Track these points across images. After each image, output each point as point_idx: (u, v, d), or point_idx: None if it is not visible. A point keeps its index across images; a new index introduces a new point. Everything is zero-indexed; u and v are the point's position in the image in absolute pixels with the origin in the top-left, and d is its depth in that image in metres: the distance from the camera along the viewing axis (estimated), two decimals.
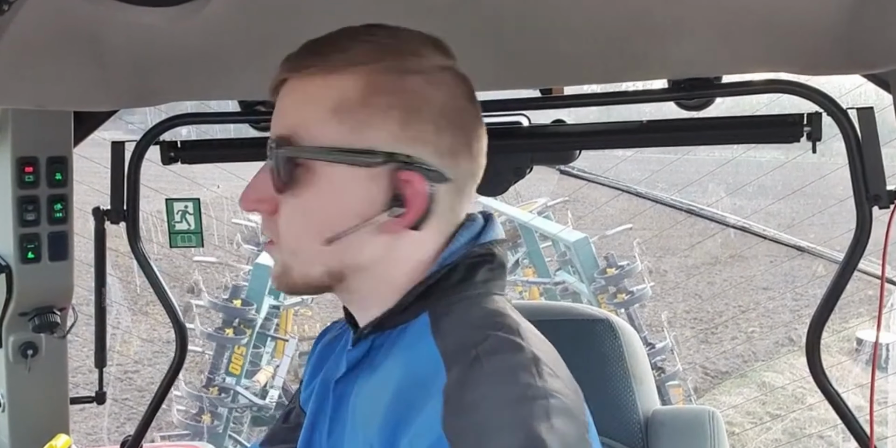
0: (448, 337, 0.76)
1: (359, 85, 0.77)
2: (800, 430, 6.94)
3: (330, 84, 0.77)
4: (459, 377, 0.70)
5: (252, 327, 6.26)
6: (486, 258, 0.83)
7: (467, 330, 0.76)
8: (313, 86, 0.78)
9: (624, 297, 6.40)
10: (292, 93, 0.80)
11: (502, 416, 0.65)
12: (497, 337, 0.74)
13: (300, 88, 0.79)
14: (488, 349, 0.72)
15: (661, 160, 11.07)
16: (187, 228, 1.59)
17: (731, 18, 1.07)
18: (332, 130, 0.77)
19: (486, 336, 0.74)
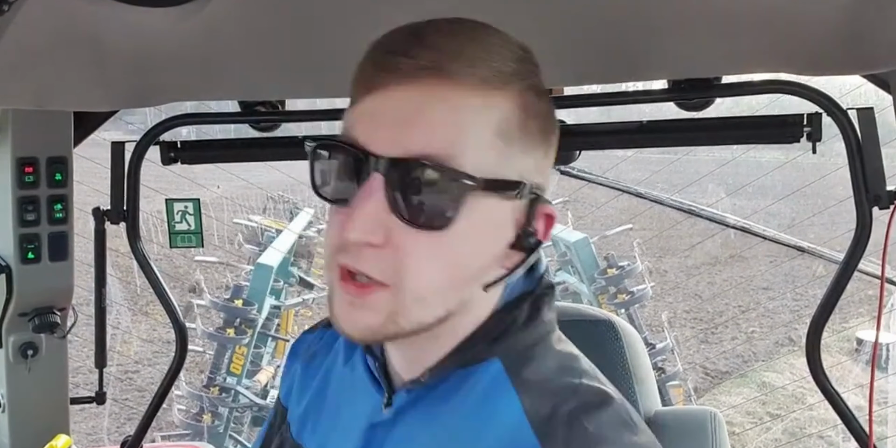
0: (533, 391, 0.70)
1: (515, 105, 0.67)
2: (800, 430, 6.94)
3: (490, 102, 0.66)
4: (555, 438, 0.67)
5: (253, 327, 6.26)
6: (548, 292, 0.77)
7: (552, 382, 0.71)
8: (473, 99, 0.65)
9: (624, 298, 6.41)
10: (441, 102, 0.65)
11: None
12: (585, 387, 0.71)
13: (454, 99, 0.65)
14: (582, 407, 0.69)
15: (661, 160, 11.08)
16: (187, 228, 1.59)
17: (731, 18, 1.06)
18: (492, 156, 0.66)
19: (575, 389, 0.71)
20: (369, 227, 0.64)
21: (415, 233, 0.65)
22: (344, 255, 0.67)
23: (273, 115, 1.49)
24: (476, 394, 0.72)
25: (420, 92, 0.64)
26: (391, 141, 0.64)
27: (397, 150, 0.64)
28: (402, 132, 0.64)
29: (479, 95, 0.65)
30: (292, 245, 7.70)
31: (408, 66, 0.64)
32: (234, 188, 12.88)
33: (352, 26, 1.03)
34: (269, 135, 1.54)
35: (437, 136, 0.64)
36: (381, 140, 0.65)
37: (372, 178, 0.64)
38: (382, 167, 0.64)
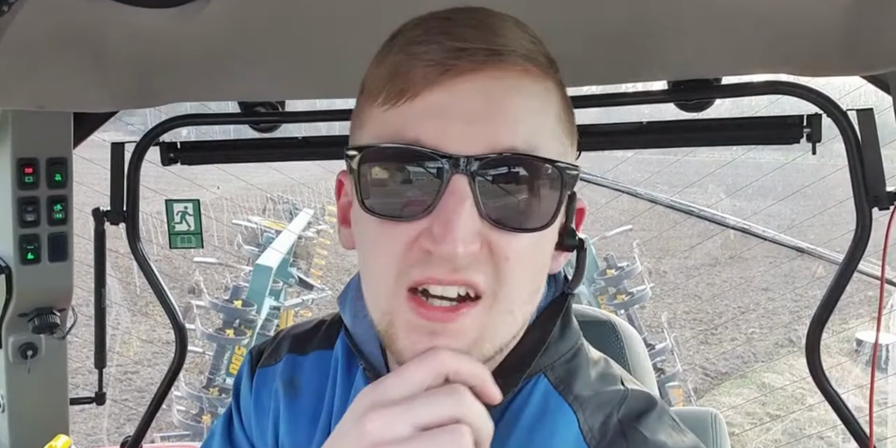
0: (586, 406, 0.67)
1: (562, 93, 0.64)
2: (799, 430, 6.93)
3: (549, 88, 0.62)
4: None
5: (252, 328, 6.26)
6: (571, 297, 0.73)
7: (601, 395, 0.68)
8: (535, 87, 0.61)
9: (624, 298, 6.41)
10: (511, 90, 0.59)
11: None
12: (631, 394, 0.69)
13: (521, 86, 0.60)
14: (632, 414, 0.67)
15: (661, 161, 11.08)
16: (187, 229, 1.59)
17: (732, 20, 1.06)
18: (560, 147, 0.62)
19: (623, 396, 0.68)
20: (470, 236, 0.56)
21: (511, 235, 0.59)
22: (427, 269, 0.58)
23: (273, 116, 1.49)
24: (529, 414, 0.67)
25: (492, 81, 0.58)
26: (471, 138, 0.57)
27: (479, 146, 0.57)
28: (482, 127, 0.57)
29: (541, 82, 0.61)
30: (291, 246, 7.70)
31: (472, 53, 0.58)
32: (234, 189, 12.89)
33: (352, 26, 1.03)
34: (269, 135, 1.54)
35: (520, 128, 0.58)
36: (458, 138, 0.57)
37: (456, 181, 0.57)
38: (467, 168, 0.56)
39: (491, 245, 0.58)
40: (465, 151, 0.57)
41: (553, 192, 0.59)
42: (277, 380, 0.82)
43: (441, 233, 0.56)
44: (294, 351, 0.84)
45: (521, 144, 0.58)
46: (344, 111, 1.58)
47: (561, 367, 0.70)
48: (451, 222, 0.56)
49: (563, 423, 0.66)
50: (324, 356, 0.81)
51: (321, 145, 1.55)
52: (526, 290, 0.62)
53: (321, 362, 0.81)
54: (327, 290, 8.05)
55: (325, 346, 0.82)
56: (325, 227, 9.69)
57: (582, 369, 0.70)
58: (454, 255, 0.56)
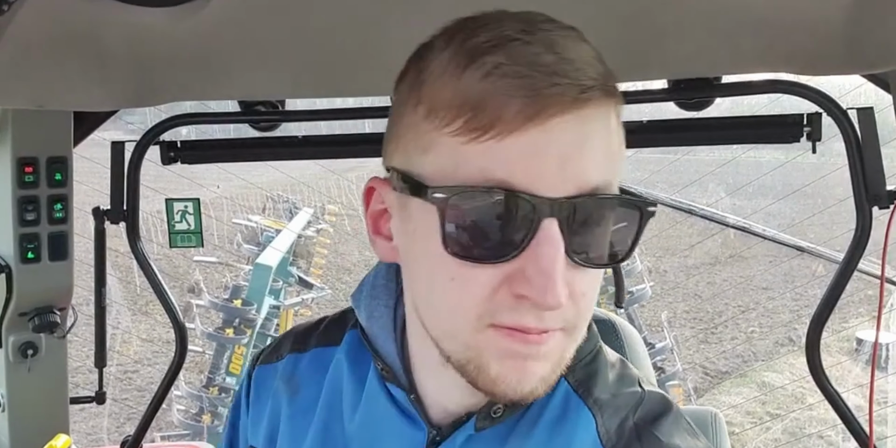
0: (605, 410, 0.67)
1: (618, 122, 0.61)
2: (799, 429, 6.94)
3: (613, 121, 0.60)
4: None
5: (252, 327, 6.26)
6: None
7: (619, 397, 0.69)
8: (612, 121, 0.59)
9: None
10: (592, 125, 0.57)
11: None
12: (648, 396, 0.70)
13: (602, 120, 0.58)
14: (647, 417, 0.67)
15: (661, 160, 11.07)
16: (187, 228, 1.59)
17: (731, 18, 1.06)
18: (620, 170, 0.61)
19: (640, 399, 0.69)
20: (566, 287, 0.56)
21: (588, 272, 0.59)
22: (513, 315, 0.57)
23: (273, 115, 1.49)
24: (549, 417, 0.67)
25: (584, 118, 0.56)
26: (563, 180, 0.55)
27: (568, 187, 0.55)
28: (573, 167, 0.55)
29: (611, 111, 0.59)
30: (291, 245, 7.70)
31: (568, 88, 0.55)
32: (234, 188, 12.89)
33: (352, 26, 1.03)
34: (269, 135, 1.54)
35: (602, 164, 0.57)
36: (550, 180, 0.55)
37: (548, 226, 0.55)
38: (560, 210, 0.55)
39: (572, 284, 0.57)
40: (557, 193, 0.55)
41: (632, 225, 0.59)
42: (278, 378, 0.82)
43: (542, 283, 0.55)
44: (296, 349, 0.84)
45: (601, 183, 0.57)
46: (344, 110, 1.58)
47: (581, 370, 0.70)
48: (551, 272, 0.54)
49: (583, 426, 0.67)
50: (323, 353, 0.81)
51: (321, 144, 1.55)
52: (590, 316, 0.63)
53: (320, 358, 0.80)
54: (327, 289, 8.06)
55: (324, 343, 0.82)
56: (325, 227, 9.69)
57: (601, 372, 0.71)
58: (551, 306, 0.55)
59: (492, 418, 0.66)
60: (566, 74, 0.55)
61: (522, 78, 0.55)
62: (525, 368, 0.58)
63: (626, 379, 0.72)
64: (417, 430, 0.69)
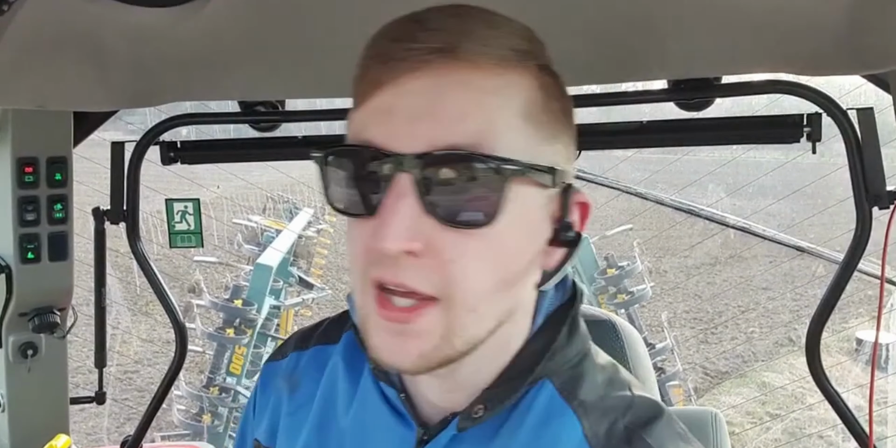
0: (591, 412, 0.67)
1: (536, 85, 0.62)
2: (799, 429, 6.94)
3: (511, 81, 0.60)
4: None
5: (253, 327, 6.26)
6: (580, 301, 0.73)
7: (606, 400, 0.68)
8: (493, 81, 0.59)
9: (624, 298, 6.40)
10: (462, 86, 0.58)
11: None
12: (638, 400, 0.69)
13: (474, 81, 0.59)
14: (638, 421, 0.67)
15: (661, 160, 11.07)
16: (187, 229, 1.59)
17: (731, 19, 1.06)
18: (523, 142, 0.60)
19: (629, 403, 0.68)
20: (406, 233, 0.57)
21: (456, 234, 0.58)
22: (379, 269, 0.59)
23: (273, 115, 1.49)
24: (533, 419, 0.67)
25: (436, 78, 0.58)
26: (413, 136, 0.58)
27: (422, 145, 0.57)
28: (425, 125, 0.58)
29: (498, 75, 0.59)
30: (292, 245, 7.70)
31: (418, 51, 0.58)
32: (234, 188, 12.88)
33: (352, 26, 1.03)
34: (269, 135, 1.54)
35: (464, 124, 0.58)
36: (402, 137, 0.58)
37: (399, 179, 0.58)
38: (410, 165, 0.57)
39: (437, 248, 0.58)
40: (410, 149, 0.57)
41: (494, 188, 0.58)
42: (281, 375, 0.84)
43: (378, 230, 0.57)
44: (298, 347, 0.86)
45: (465, 140, 0.57)
46: (344, 110, 1.57)
47: (567, 373, 0.69)
48: (386, 219, 0.57)
49: (567, 428, 0.66)
50: (322, 351, 0.83)
51: (321, 144, 1.55)
52: (487, 289, 0.61)
53: (319, 356, 0.82)
54: (327, 289, 8.05)
55: (324, 342, 0.84)
56: (325, 227, 9.69)
57: (588, 374, 0.70)
58: (388, 251, 0.57)
59: (472, 419, 0.66)
60: (418, 40, 0.58)
61: (378, 47, 0.61)
62: (400, 344, 0.60)
63: (617, 383, 0.71)
64: (408, 428, 0.70)
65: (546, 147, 0.62)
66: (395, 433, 0.70)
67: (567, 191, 0.65)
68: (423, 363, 0.61)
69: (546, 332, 0.69)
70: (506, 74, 0.60)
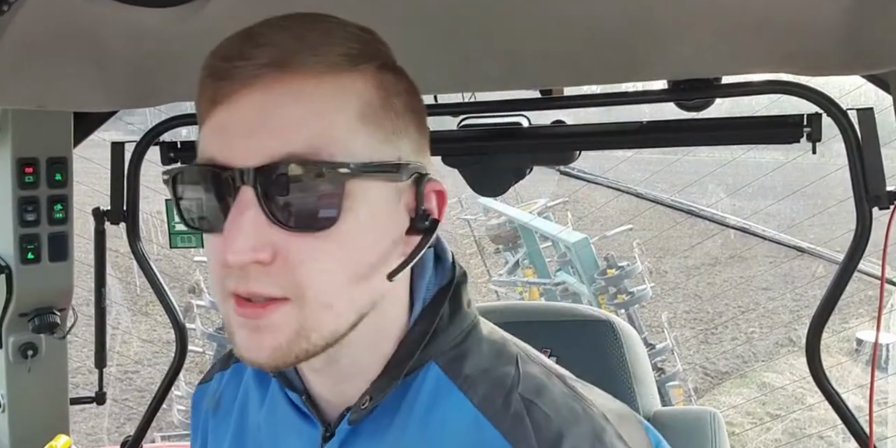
0: (478, 385, 0.68)
1: (372, 86, 0.64)
2: (800, 430, 6.93)
3: (344, 86, 0.62)
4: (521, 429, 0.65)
5: None
6: (462, 281, 0.74)
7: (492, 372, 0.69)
8: (324, 89, 0.61)
9: (624, 298, 6.40)
10: (293, 97, 0.61)
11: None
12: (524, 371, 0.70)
13: (305, 92, 0.61)
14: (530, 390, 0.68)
15: (661, 161, 11.07)
16: (187, 229, 1.59)
17: (731, 19, 1.06)
18: (363, 142, 0.62)
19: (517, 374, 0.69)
20: (250, 244, 0.59)
21: (301, 238, 0.60)
22: (231, 281, 0.62)
23: None
24: (421, 403, 0.69)
25: (267, 92, 0.60)
26: (250, 150, 0.60)
27: (259, 158, 0.59)
28: (260, 138, 0.60)
29: (330, 82, 0.62)
30: None
31: (246, 68, 0.60)
32: None
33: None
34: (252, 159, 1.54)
35: (298, 134, 0.60)
36: (240, 152, 0.60)
37: (241, 193, 0.60)
38: (249, 179, 0.59)
39: (285, 254, 0.60)
40: (247, 164, 0.59)
41: (333, 191, 0.60)
42: (207, 397, 0.89)
43: (225, 244, 0.59)
44: (221, 368, 0.89)
45: (301, 149, 0.59)
46: None
47: (451, 352, 0.71)
48: (231, 233, 0.59)
49: (455, 404, 0.68)
50: (240, 367, 0.86)
51: None
52: (339, 285, 0.62)
53: (237, 372, 0.86)
54: None
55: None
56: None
57: (472, 350, 0.71)
58: (234, 263, 0.59)
59: (361, 410, 0.68)
60: (245, 56, 0.60)
61: (212, 66, 0.63)
62: (255, 339, 0.62)
63: (504, 356, 0.72)
64: (313, 428, 0.73)
65: (388, 144, 0.65)
66: (303, 434, 0.73)
67: (419, 181, 0.67)
68: (280, 357, 0.62)
69: (426, 317, 0.70)
70: (338, 80, 0.62)
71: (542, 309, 1.54)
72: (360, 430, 0.69)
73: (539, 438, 0.64)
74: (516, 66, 1.26)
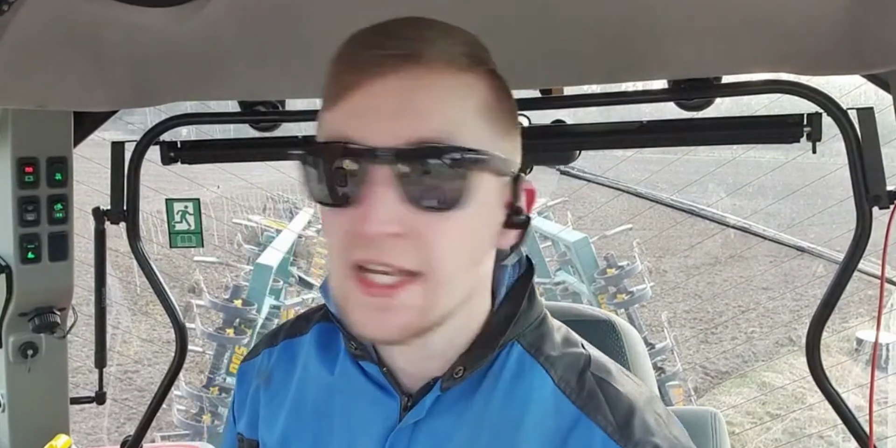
0: (557, 364, 0.77)
1: (488, 86, 0.71)
2: (800, 429, 6.94)
3: (467, 83, 0.69)
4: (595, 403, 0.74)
5: (253, 327, 6.25)
6: (532, 272, 0.82)
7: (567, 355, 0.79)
8: (452, 82, 0.68)
9: (624, 298, 6.40)
10: (426, 87, 0.67)
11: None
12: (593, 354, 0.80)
13: (436, 83, 0.67)
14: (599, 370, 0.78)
15: (662, 160, 11.08)
16: (187, 228, 1.59)
17: (732, 19, 1.07)
18: (482, 135, 0.68)
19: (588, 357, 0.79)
20: (388, 217, 0.64)
21: (431, 216, 0.66)
22: (362, 251, 0.67)
23: (273, 115, 1.49)
24: (506, 377, 0.76)
25: (402, 81, 0.66)
26: (387, 133, 0.65)
27: (395, 140, 0.65)
28: (396, 122, 0.65)
29: (455, 77, 0.68)
30: (292, 245, 7.70)
31: (385, 57, 0.66)
32: (234, 188, 12.89)
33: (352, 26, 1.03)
34: (269, 135, 1.54)
35: (429, 122, 0.66)
36: (377, 133, 0.65)
37: (377, 170, 0.65)
38: (386, 158, 0.65)
39: (418, 230, 0.66)
40: (383, 144, 0.65)
41: (462, 176, 0.66)
42: (255, 373, 0.92)
43: (361, 217, 0.65)
44: (268, 345, 0.94)
45: (434, 135, 0.65)
46: None
47: (531, 334, 0.79)
48: (368, 207, 0.65)
49: (538, 380, 0.76)
50: (291, 343, 0.91)
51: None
52: (460, 265, 0.69)
53: (288, 349, 0.90)
54: None
55: (292, 336, 0.92)
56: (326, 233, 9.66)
57: (549, 335, 0.80)
58: (373, 235, 0.65)
59: (454, 379, 0.74)
60: (384, 47, 0.66)
61: (349, 54, 0.69)
62: (381, 318, 0.68)
63: (571, 341, 0.82)
64: (391, 399, 0.78)
65: (499, 140, 0.70)
66: (380, 405, 0.78)
67: (517, 179, 0.73)
68: (404, 334, 0.69)
69: (510, 302, 0.78)
70: (462, 77, 0.69)
71: None
72: (442, 399, 0.75)
73: (614, 411, 0.73)
74: (516, 66, 1.26)
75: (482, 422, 0.75)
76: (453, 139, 0.66)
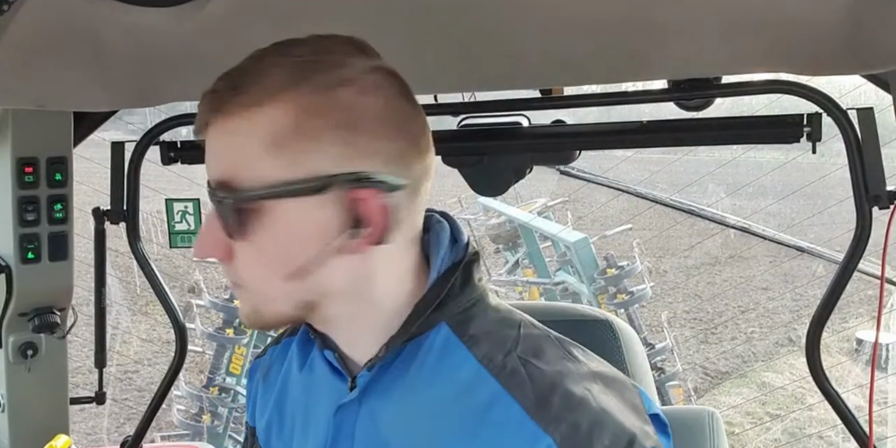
0: (481, 343, 0.80)
1: (289, 114, 0.73)
2: (799, 430, 6.94)
3: (255, 120, 0.73)
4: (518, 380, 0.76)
5: None
6: (475, 259, 0.85)
7: (496, 334, 0.81)
8: (238, 124, 0.74)
9: (624, 298, 6.40)
10: (219, 135, 0.76)
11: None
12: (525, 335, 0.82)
13: (225, 129, 0.75)
14: (529, 351, 0.79)
15: (661, 160, 11.08)
16: (187, 228, 1.60)
17: (731, 18, 1.07)
18: (269, 167, 0.73)
19: (518, 336, 0.81)
20: (207, 245, 0.78)
21: (237, 244, 0.77)
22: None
23: None
24: (431, 357, 0.80)
25: (211, 131, 0.77)
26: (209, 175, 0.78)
27: (210, 182, 0.77)
28: (207, 167, 0.78)
29: (243, 118, 0.74)
30: None
31: (204, 110, 0.77)
32: None
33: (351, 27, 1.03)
34: None
35: (219, 164, 0.76)
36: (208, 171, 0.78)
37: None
38: (210, 196, 0.77)
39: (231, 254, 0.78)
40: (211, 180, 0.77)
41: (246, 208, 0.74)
42: (260, 369, 1.02)
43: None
44: (273, 343, 1.02)
45: (222, 176, 0.75)
46: None
47: (459, 316, 0.82)
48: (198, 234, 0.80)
49: (460, 358, 0.79)
50: (288, 341, 0.98)
51: None
52: (273, 282, 0.77)
53: (285, 346, 0.99)
54: None
55: (290, 334, 0.99)
56: None
57: (479, 316, 0.82)
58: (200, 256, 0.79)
59: (376, 358, 0.80)
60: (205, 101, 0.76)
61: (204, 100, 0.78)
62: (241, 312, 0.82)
63: (508, 323, 0.83)
64: (342, 381, 0.85)
65: (304, 163, 0.73)
66: (334, 385, 0.85)
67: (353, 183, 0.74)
68: (251, 323, 0.82)
69: (439, 285, 0.81)
70: (250, 116, 0.73)
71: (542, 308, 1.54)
72: (378, 379, 0.81)
73: (535, 387, 0.75)
74: (516, 65, 1.26)
75: (412, 399, 0.79)
76: (237, 178, 0.74)
